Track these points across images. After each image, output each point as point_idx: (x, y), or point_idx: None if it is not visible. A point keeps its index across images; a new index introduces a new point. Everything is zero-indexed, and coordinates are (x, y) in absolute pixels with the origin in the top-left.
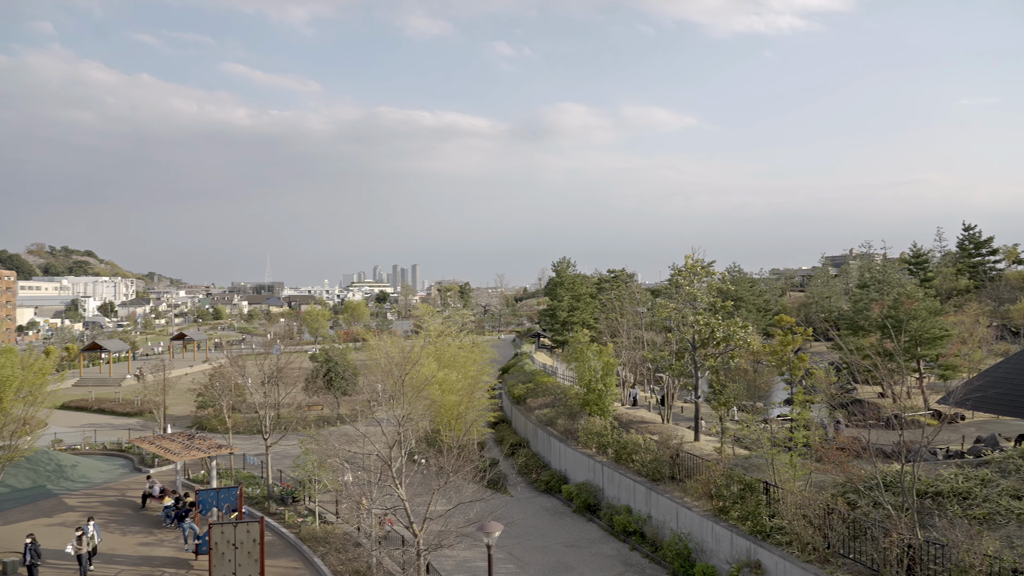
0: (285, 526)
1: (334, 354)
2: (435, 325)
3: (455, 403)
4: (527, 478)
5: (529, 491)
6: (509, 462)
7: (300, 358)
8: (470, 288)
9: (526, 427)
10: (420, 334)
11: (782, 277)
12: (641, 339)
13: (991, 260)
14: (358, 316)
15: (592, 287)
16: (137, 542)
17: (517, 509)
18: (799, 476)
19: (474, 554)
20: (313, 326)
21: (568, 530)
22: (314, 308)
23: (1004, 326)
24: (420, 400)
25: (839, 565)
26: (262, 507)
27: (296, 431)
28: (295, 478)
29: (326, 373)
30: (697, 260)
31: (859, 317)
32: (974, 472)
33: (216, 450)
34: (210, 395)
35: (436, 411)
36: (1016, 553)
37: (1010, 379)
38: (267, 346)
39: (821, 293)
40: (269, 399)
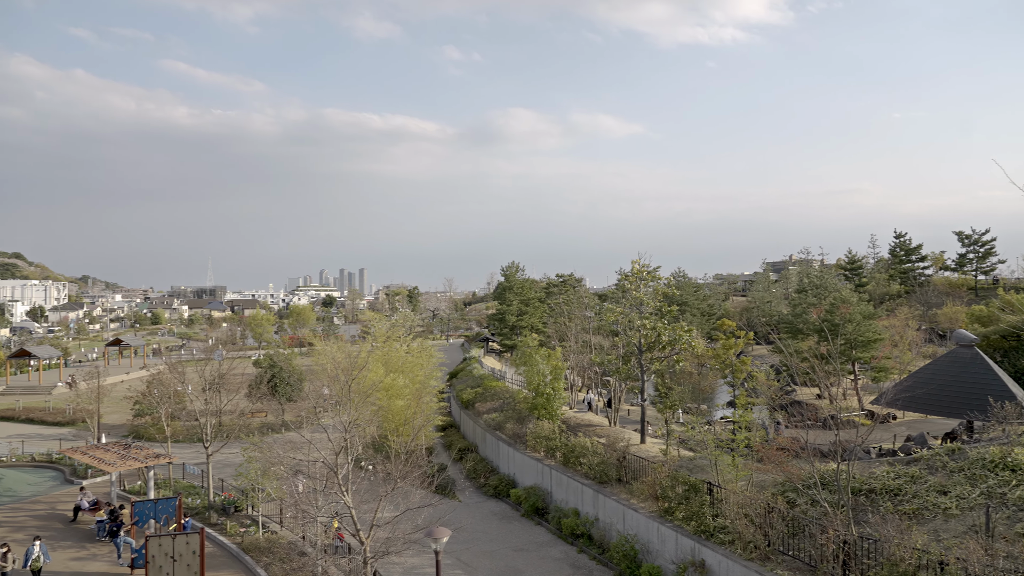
0: (227, 536)
1: (279, 359)
2: (383, 330)
3: (403, 408)
4: (475, 483)
5: (478, 496)
6: (457, 467)
7: (243, 364)
8: (419, 292)
9: (475, 432)
10: (367, 339)
11: (725, 282)
12: (589, 343)
13: (920, 266)
14: (304, 321)
15: (541, 291)
16: (69, 557)
17: (465, 514)
18: (741, 476)
19: (422, 560)
20: (257, 331)
21: (517, 534)
22: (258, 312)
23: (932, 329)
24: (367, 405)
25: (779, 562)
26: (203, 518)
27: (239, 439)
28: (238, 487)
29: (270, 379)
30: (643, 265)
31: (798, 321)
32: (904, 469)
33: (154, 460)
34: (148, 403)
35: (383, 416)
36: (942, 546)
37: (936, 380)
38: (208, 351)
39: (762, 298)
40: (210, 406)
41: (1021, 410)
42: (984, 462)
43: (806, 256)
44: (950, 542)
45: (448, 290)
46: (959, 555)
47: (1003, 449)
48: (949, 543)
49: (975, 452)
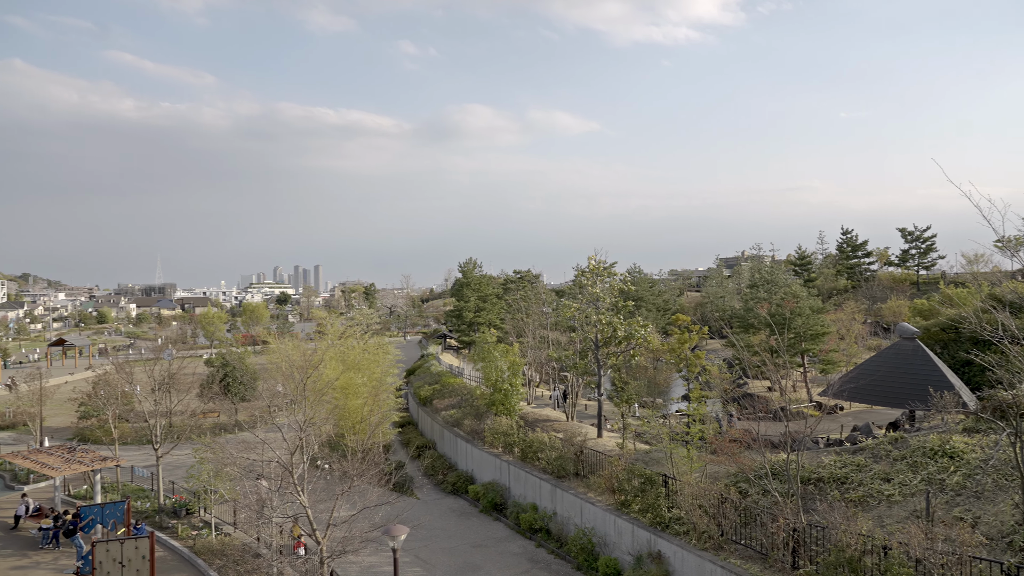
0: (178, 540)
1: (231, 358)
2: (339, 327)
3: (359, 406)
4: (434, 479)
5: (436, 493)
6: (415, 464)
7: (195, 363)
8: (375, 289)
9: (433, 428)
10: (323, 336)
11: (680, 278)
12: (546, 339)
13: (866, 262)
14: (257, 318)
15: (498, 288)
16: (9, 566)
17: (424, 511)
18: (696, 468)
19: (380, 559)
20: (209, 329)
21: (475, 530)
22: (210, 310)
23: (877, 323)
24: (323, 404)
25: (732, 551)
26: (153, 521)
27: (190, 440)
28: (189, 489)
29: (223, 378)
30: (600, 261)
31: (750, 315)
32: (850, 458)
33: (100, 463)
34: (94, 404)
35: (340, 415)
36: (886, 531)
37: (880, 372)
38: (158, 351)
39: (716, 293)
40: (160, 407)
41: (959, 400)
42: (925, 450)
43: (758, 252)
44: (893, 527)
45: (405, 287)
46: (901, 539)
47: (942, 437)
48: (892, 528)
49: (916, 441)
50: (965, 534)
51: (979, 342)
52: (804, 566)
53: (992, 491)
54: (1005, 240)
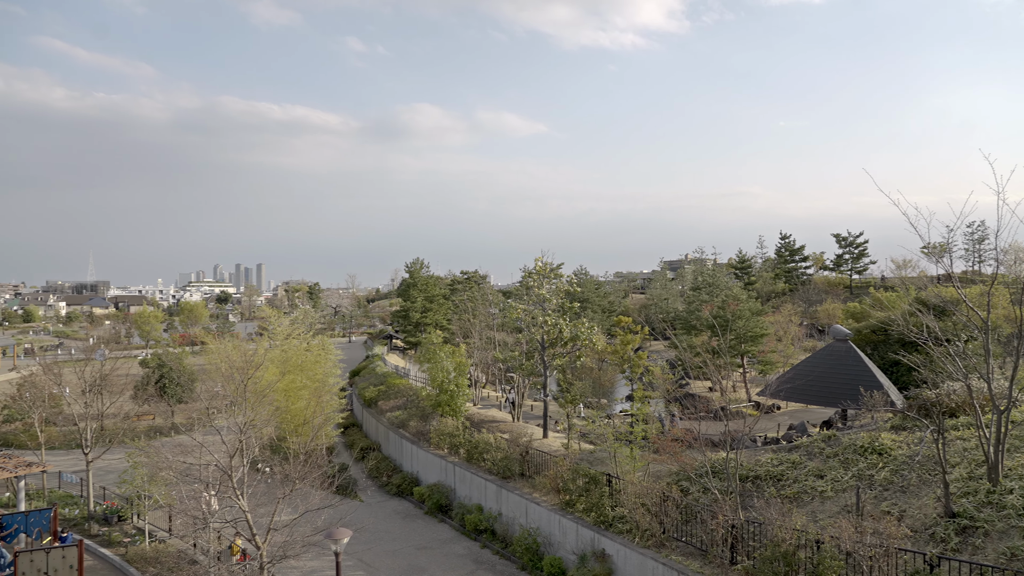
0: (110, 548)
1: (168, 359)
2: (281, 327)
3: (302, 408)
4: (378, 482)
5: (380, 495)
6: (359, 466)
7: (129, 364)
8: (320, 289)
9: (377, 430)
10: (265, 337)
11: (625, 280)
12: (493, 340)
13: (803, 266)
14: (196, 318)
15: (445, 288)
16: None
17: (367, 514)
18: (639, 467)
19: (322, 563)
20: (144, 329)
21: (420, 532)
22: (146, 309)
23: (812, 325)
24: (264, 406)
25: (673, 548)
26: (82, 529)
27: (123, 443)
28: (121, 495)
29: (159, 379)
30: (547, 263)
31: (692, 317)
32: (786, 456)
33: (25, 468)
34: (18, 407)
35: (282, 417)
36: (819, 526)
37: (815, 372)
38: (89, 351)
39: (659, 295)
40: (91, 410)
41: (887, 399)
42: (855, 447)
43: (700, 255)
44: (826, 522)
45: (351, 287)
46: (833, 534)
47: (871, 435)
48: (825, 523)
49: (847, 438)
50: (892, 527)
51: (906, 343)
52: (742, 561)
53: (917, 486)
54: (930, 246)
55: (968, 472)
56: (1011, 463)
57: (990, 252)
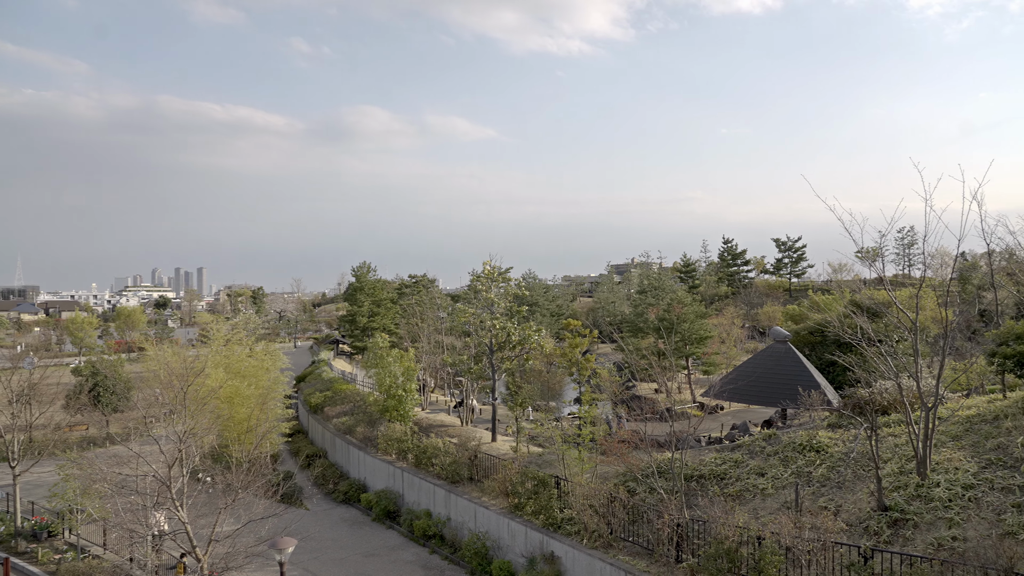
0: (38, 565)
1: (103, 367)
2: (223, 333)
3: (245, 415)
4: (324, 489)
5: (327, 502)
6: (305, 474)
7: (60, 372)
8: (264, 293)
9: (324, 436)
10: (206, 342)
11: (573, 284)
12: (441, 344)
13: (744, 270)
14: (133, 324)
15: (393, 292)
16: None
17: (313, 522)
18: (587, 469)
19: (266, 574)
20: (77, 335)
21: (367, 539)
22: (78, 315)
23: (754, 327)
24: (205, 413)
25: (620, 548)
26: (8, 547)
27: (54, 455)
28: (52, 509)
29: (92, 388)
30: (495, 267)
31: (639, 320)
32: (729, 455)
33: None
34: None
35: (224, 425)
36: (760, 522)
37: (756, 373)
38: (17, 359)
39: (607, 299)
40: (18, 421)
41: (824, 398)
42: (794, 445)
43: (646, 259)
44: (766, 518)
45: (296, 291)
46: (773, 529)
47: (809, 433)
48: (766, 519)
49: (787, 437)
50: (828, 522)
51: (842, 344)
52: (687, 559)
53: (852, 481)
54: (864, 251)
55: (899, 467)
56: (938, 457)
57: (919, 256)
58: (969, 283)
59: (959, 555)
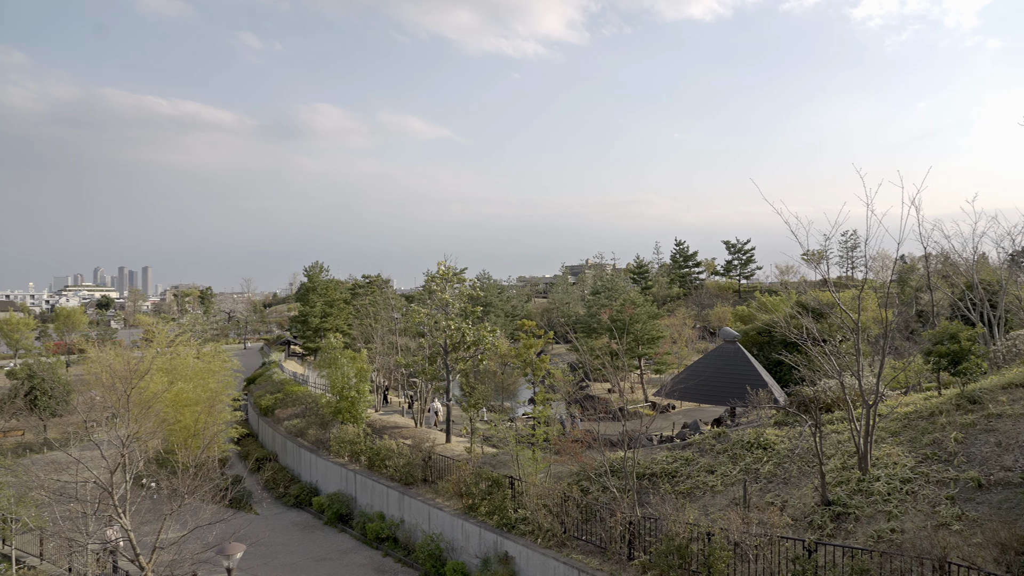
0: None
1: (40, 369)
2: (169, 334)
3: (192, 419)
4: (275, 493)
5: (277, 507)
6: (255, 478)
7: None
8: (212, 293)
9: (274, 440)
10: (151, 344)
11: (528, 284)
12: (395, 344)
13: (696, 271)
14: (73, 325)
15: (346, 292)
16: None
17: (263, 527)
18: (541, 469)
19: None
20: (13, 337)
21: (319, 543)
22: (13, 316)
23: (704, 327)
24: (150, 417)
25: (574, 547)
26: None
27: None
28: None
29: (29, 391)
30: (450, 267)
31: (592, 321)
32: (680, 454)
33: None
34: None
35: (169, 429)
36: (710, 519)
37: (706, 372)
38: None
39: (561, 299)
40: None
41: (771, 396)
42: (743, 443)
43: (600, 260)
44: (716, 515)
45: (246, 291)
46: (722, 525)
47: (757, 431)
48: (715, 516)
49: (736, 435)
50: (775, 517)
51: (788, 344)
52: (639, 556)
53: (797, 477)
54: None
55: (842, 463)
56: (878, 453)
57: (861, 259)
58: (908, 285)
59: (897, 546)
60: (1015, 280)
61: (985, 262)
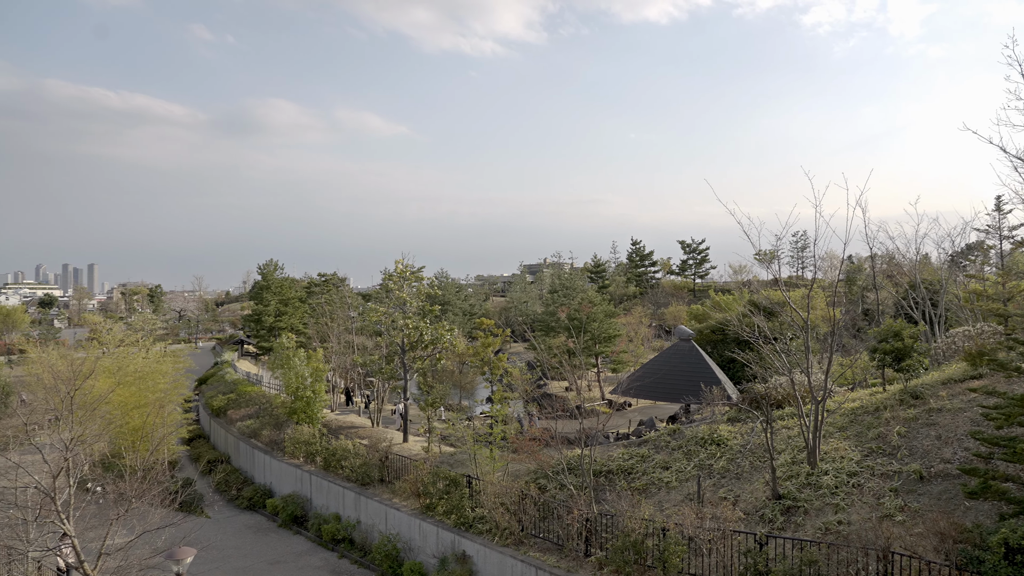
0: None
1: None
2: (116, 333)
3: (140, 421)
4: (227, 495)
5: (230, 510)
6: (206, 480)
7: None
8: (162, 292)
9: (227, 441)
10: (98, 344)
11: (486, 283)
12: (352, 343)
13: (652, 271)
14: (14, 324)
15: (302, 291)
16: None
17: (215, 530)
18: (498, 467)
19: None
20: None
21: (273, 546)
22: None
23: (660, 326)
24: (95, 419)
25: (531, 545)
26: None
27: None
28: None
29: None
30: (407, 266)
31: (550, 319)
32: (636, 450)
33: None
34: None
35: (116, 431)
36: (665, 514)
37: (662, 370)
38: None
39: (519, 298)
40: None
41: (724, 393)
42: (697, 439)
43: (558, 260)
44: (671, 510)
45: (198, 289)
46: (677, 521)
47: (711, 427)
48: (670, 511)
49: (690, 431)
50: (728, 511)
51: (741, 342)
52: (595, 552)
53: (750, 472)
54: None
55: (792, 457)
56: (827, 448)
57: (811, 259)
58: (855, 284)
59: (844, 538)
60: (955, 280)
61: (927, 262)
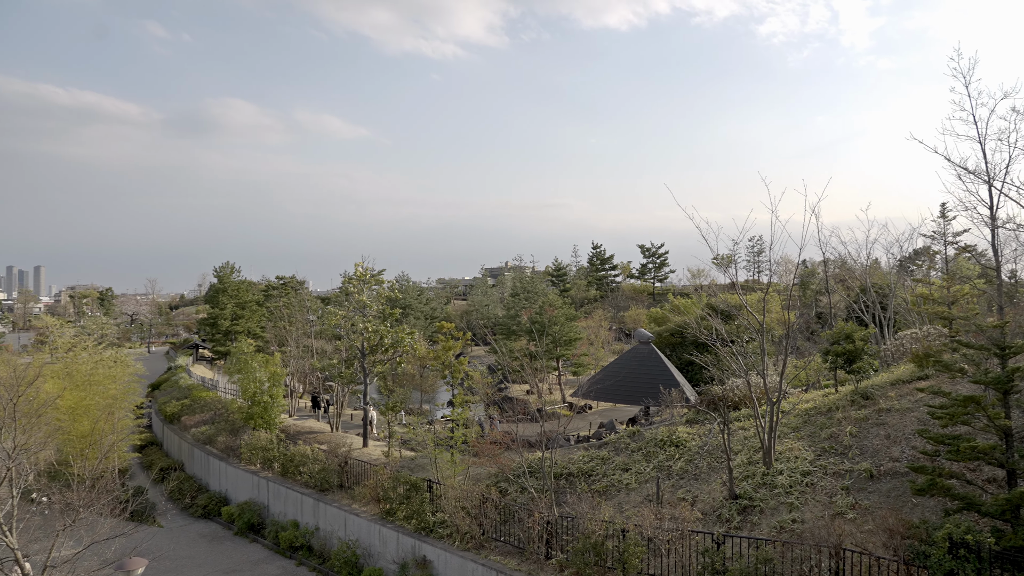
0: None
1: None
2: (65, 338)
3: (89, 428)
4: (181, 504)
5: (183, 518)
6: (159, 488)
7: None
8: (114, 295)
9: (181, 448)
10: (44, 349)
11: (447, 286)
12: (311, 348)
13: (612, 274)
14: None
15: (259, 294)
16: None
17: (168, 540)
18: (459, 471)
19: None
20: None
21: (228, 555)
22: None
23: (620, 329)
24: (40, 427)
25: (492, 548)
26: None
27: None
28: None
29: None
30: (367, 268)
31: (512, 323)
32: (596, 453)
33: None
34: None
35: (64, 438)
36: (624, 516)
37: (622, 373)
38: None
39: (481, 301)
40: None
41: (683, 395)
42: (656, 441)
43: (519, 263)
44: (631, 512)
45: (151, 292)
46: (637, 522)
47: (670, 429)
48: (630, 513)
49: (649, 433)
50: (686, 512)
51: (699, 345)
52: (556, 555)
53: (707, 473)
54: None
55: (748, 458)
56: (781, 448)
57: (767, 263)
58: (809, 288)
59: (798, 536)
60: (903, 284)
61: (877, 267)
